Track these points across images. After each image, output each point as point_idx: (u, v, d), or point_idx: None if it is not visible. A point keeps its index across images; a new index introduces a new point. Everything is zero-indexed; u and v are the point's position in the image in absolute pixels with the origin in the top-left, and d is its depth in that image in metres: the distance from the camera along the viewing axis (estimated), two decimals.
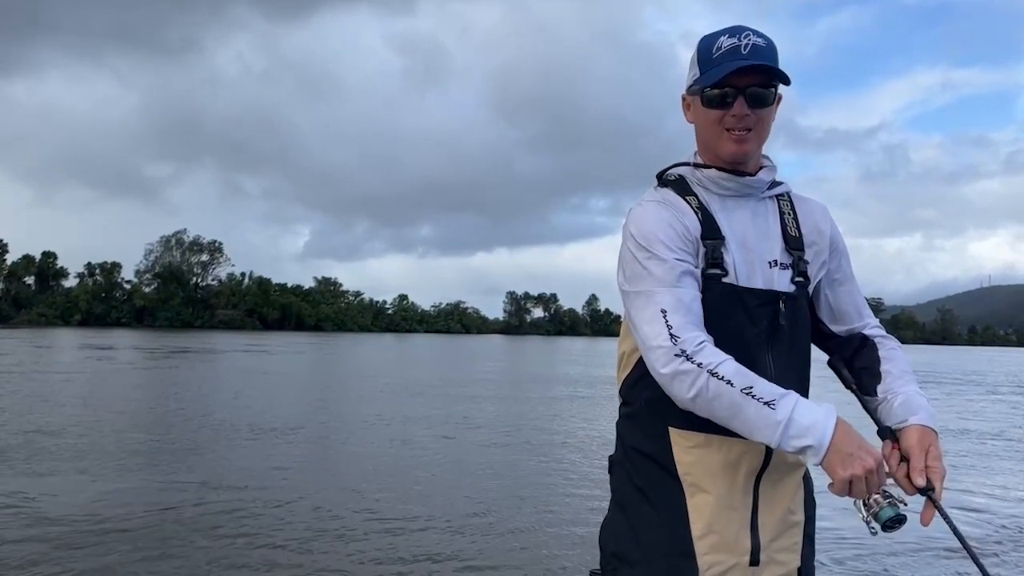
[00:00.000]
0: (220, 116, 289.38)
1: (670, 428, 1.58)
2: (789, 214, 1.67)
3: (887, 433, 1.52)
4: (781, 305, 1.58)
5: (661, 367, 1.46)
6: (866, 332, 1.71)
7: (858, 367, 1.66)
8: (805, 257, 1.65)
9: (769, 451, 1.54)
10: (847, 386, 1.65)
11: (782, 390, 1.40)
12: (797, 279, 1.62)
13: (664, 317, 1.47)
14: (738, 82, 1.55)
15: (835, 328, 1.72)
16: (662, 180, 1.70)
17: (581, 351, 56.03)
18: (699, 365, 1.42)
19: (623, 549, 1.62)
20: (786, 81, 1.58)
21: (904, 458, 1.46)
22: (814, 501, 1.69)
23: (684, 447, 1.57)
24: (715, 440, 1.54)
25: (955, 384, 27.21)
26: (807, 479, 1.68)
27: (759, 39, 1.57)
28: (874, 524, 1.40)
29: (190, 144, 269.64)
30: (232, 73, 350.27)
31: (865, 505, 1.40)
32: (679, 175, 1.68)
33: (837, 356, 1.70)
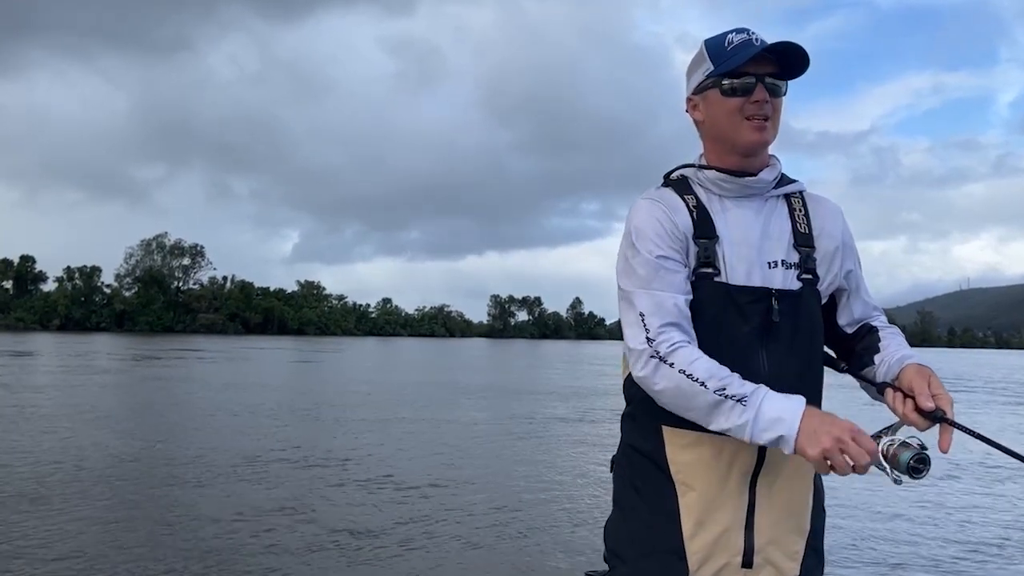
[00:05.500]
0: (210, 117, 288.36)
1: (663, 426, 1.59)
2: (800, 211, 1.66)
3: (886, 385, 1.51)
4: (774, 302, 1.56)
5: (638, 370, 1.51)
6: (873, 323, 1.71)
7: (859, 350, 1.67)
8: (814, 255, 1.63)
9: (762, 451, 1.54)
10: (837, 368, 1.65)
11: (752, 386, 1.43)
12: (804, 276, 1.61)
13: (642, 320, 1.51)
14: (756, 70, 1.57)
15: (850, 331, 1.72)
16: (666, 180, 1.72)
17: (565, 356, 55.69)
18: (671, 366, 1.45)
19: (619, 546, 1.64)
20: (805, 64, 1.57)
21: (907, 395, 1.45)
22: (824, 512, 1.66)
23: (677, 445, 1.58)
24: (706, 438, 1.54)
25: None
26: (818, 489, 1.64)
27: (763, 38, 1.59)
28: (897, 474, 1.33)
29: (179, 146, 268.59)
30: (224, 74, 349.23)
31: (879, 464, 1.34)
32: (682, 175, 1.69)
33: (838, 350, 1.72)
